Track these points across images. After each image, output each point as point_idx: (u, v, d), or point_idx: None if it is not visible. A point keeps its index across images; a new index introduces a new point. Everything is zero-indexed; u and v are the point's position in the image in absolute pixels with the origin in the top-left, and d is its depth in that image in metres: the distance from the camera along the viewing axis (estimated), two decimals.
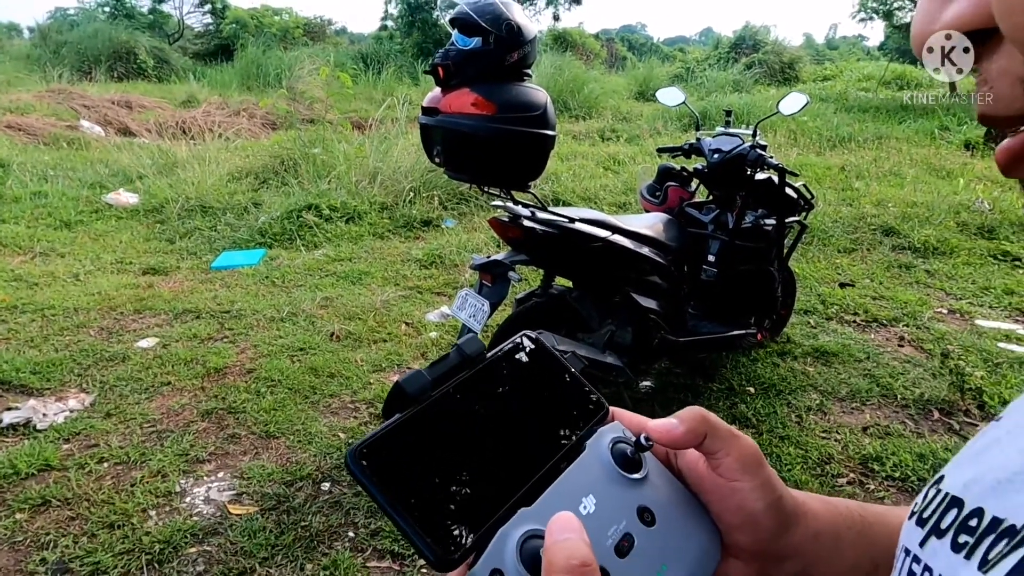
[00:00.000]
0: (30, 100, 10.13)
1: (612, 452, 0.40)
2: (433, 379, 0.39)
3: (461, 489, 0.36)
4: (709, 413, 0.41)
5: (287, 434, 2.68)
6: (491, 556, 0.33)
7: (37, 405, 2.77)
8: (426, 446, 0.36)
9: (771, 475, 0.41)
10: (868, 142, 8.60)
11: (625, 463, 0.40)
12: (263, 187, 6.40)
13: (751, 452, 0.41)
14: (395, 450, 0.35)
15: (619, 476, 0.39)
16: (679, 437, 0.40)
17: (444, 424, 0.38)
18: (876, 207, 5.76)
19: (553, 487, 0.37)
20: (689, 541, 0.40)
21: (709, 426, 0.40)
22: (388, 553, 2.09)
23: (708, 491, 0.42)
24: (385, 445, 0.35)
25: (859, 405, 2.96)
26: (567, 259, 2.46)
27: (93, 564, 1.99)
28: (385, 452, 0.35)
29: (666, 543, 0.38)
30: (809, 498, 0.45)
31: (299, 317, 3.74)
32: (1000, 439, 0.32)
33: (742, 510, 0.41)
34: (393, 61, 16.51)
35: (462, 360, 0.41)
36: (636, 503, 0.39)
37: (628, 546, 0.37)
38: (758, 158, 2.84)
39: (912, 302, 4.02)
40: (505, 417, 0.40)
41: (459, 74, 2.18)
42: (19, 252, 4.82)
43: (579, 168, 7.17)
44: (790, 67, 17.14)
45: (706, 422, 0.40)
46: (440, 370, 0.40)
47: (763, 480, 0.41)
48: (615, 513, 0.38)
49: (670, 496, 0.41)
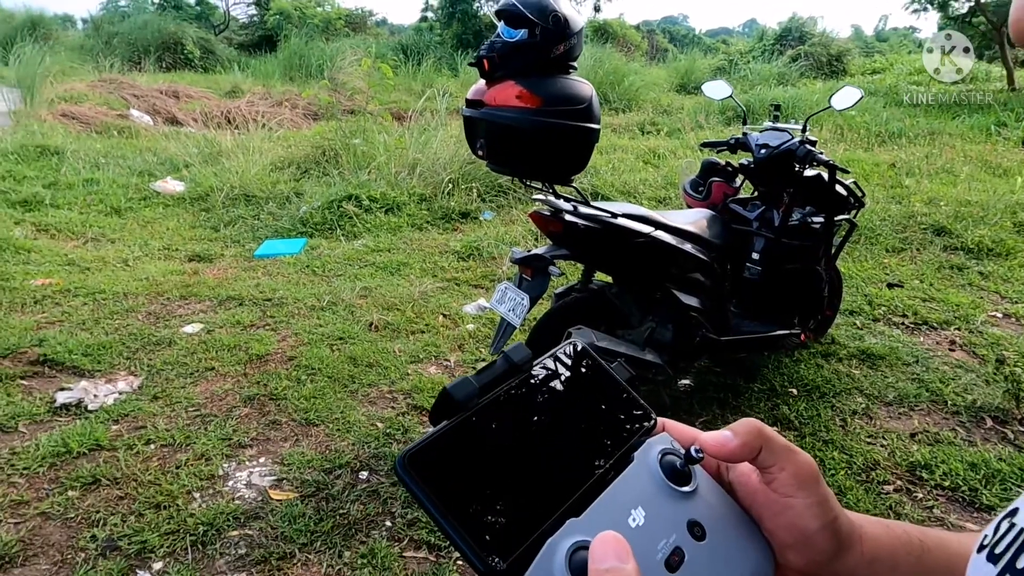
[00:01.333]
0: (83, 89, 10.45)
1: (661, 464, 0.39)
2: (480, 386, 0.39)
3: (509, 498, 0.35)
4: (765, 426, 0.40)
5: (326, 422, 2.71)
6: (540, 566, 0.33)
7: (88, 386, 2.86)
8: (474, 453, 0.36)
9: (828, 494, 0.40)
10: (919, 138, 8.32)
11: (674, 475, 0.39)
12: (305, 177, 6.49)
13: (808, 468, 0.40)
14: (443, 457, 0.35)
15: (668, 489, 0.39)
16: (733, 451, 0.39)
17: (492, 432, 0.38)
18: (927, 205, 5.56)
19: (602, 498, 0.37)
20: (740, 557, 0.39)
21: (764, 440, 0.39)
22: (424, 544, 2.11)
23: (761, 506, 0.40)
24: (434, 452, 0.35)
25: (907, 410, 2.87)
26: (608, 254, 2.43)
27: (140, 543, 2.05)
28: (434, 459, 0.35)
29: (717, 558, 0.38)
30: (866, 521, 0.43)
31: (339, 306, 3.79)
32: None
33: (795, 528, 0.39)
34: (433, 52, 16.57)
35: (509, 368, 0.40)
36: (686, 517, 0.38)
37: (679, 561, 0.36)
38: (807, 154, 2.76)
39: (964, 305, 3.88)
40: (552, 425, 0.40)
41: (504, 66, 2.16)
42: (72, 237, 4.99)
43: (618, 162, 7.10)
44: (838, 60, 16.66)
45: (761, 436, 0.39)
46: (487, 377, 0.40)
47: (819, 498, 0.39)
48: (665, 527, 0.37)
49: (721, 511, 0.40)
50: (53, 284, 3.93)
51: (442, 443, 0.36)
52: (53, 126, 8.25)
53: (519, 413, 0.39)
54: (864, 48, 23.92)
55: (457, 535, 0.33)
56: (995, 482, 2.38)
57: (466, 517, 0.34)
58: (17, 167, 6.41)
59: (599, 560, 0.31)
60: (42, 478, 2.33)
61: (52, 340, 3.19)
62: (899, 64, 15.44)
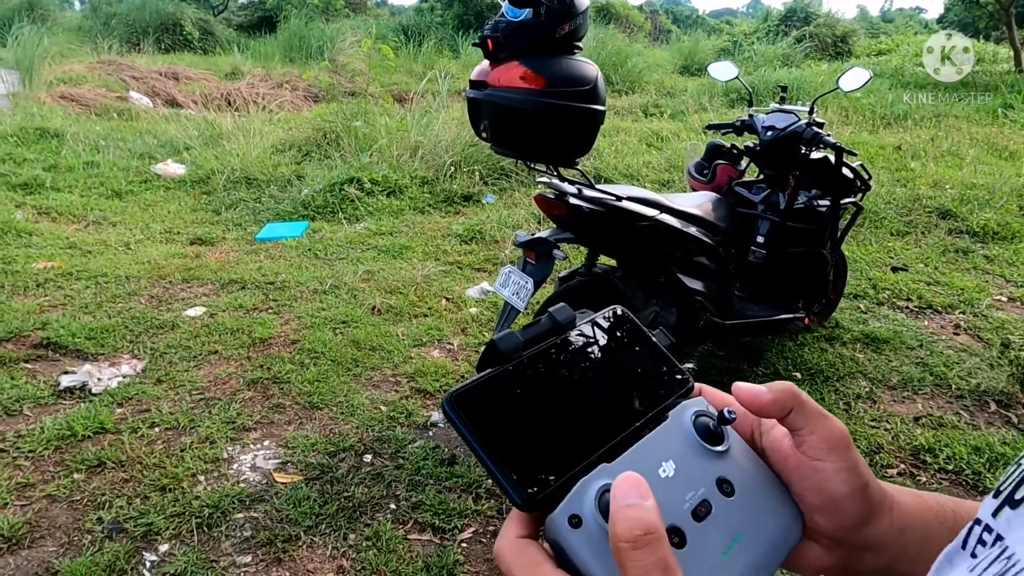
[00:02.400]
0: (82, 71, 10.36)
1: (695, 424, 0.41)
2: (525, 340, 0.41)
3: (547, 441, 0.38)
4: (799, 389, 0.41)
5: (330, 405, 2.72)
6: (571, 502, 0.35)
7: (92, 370, 2.86)
8: (516, 399, 0.39)
9: (858, 461, 0.40)
10: (925, 120, 8.24)
11: (707, 435, 0.41)
12: (306, 160, 6.45)
13: (838, 434, 0.40)
14: (488, 399, 0.38)
15: (700, 447, 0.40)
16: (764, 404, 0.40)
17: (534, 381, 0.40)
18: (932, 188, 5.53)
19: (634, 448, 0.39)
20: (767, 516, 0.40)
21: (797, 401, 0.40)
22: (429, 526, 2.11)
23: (791, 470, 0.41)
24: (479, 394, 0.38)
25: (910, 394, 2.87)
26: (613, 238, 2.41)
27: (146, 525, 2.06)
28: (479, 400, 0.38)
29: (744, 515, 0.39)
30: (898, 491, 0.43)
31: (341, 290, 3.78)
32: None
33: (823, 491, 0.40)
34: (434, 34, 16.40)
35: (553, 326, 0.43)
36: (716, 474, 0.39)
37: (705, 512, 0.38)
38: (814, 136, 2.74)
39: (969, 288, 3.86)
40: (592, 381, 0.42)
41: (508, 47, 2.13)
42: (73, 220, 4.97)
43: (621, 144, 7.05)
44: (843, 41, 16.48)
45: (795, 397, 0.40)
46: (532, 333, 0.42)
47: (849, 464, 0.40)
48: (694, 480, 0.39)
49: (751, 472, 0.41)
50: (55, 267, 3.92)
51: (487, 387, 0.38)
52: (52, 108, 8.20)
53: (560, 367, 0.41)
54: (870, 29, 23.66)
55: (495, 467, 0.36)
56: (999, 466, 2.38)
57: (505, 453, 0.36)
58: (17, 150, 6.38)
59: (621, 498, 0.32)
60: (48, 461, 2.34)
61: (55, 323, 3.19)
62: (905, 45, 15.26)
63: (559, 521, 0.35)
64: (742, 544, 0.38)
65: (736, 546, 0.38)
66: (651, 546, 0.31)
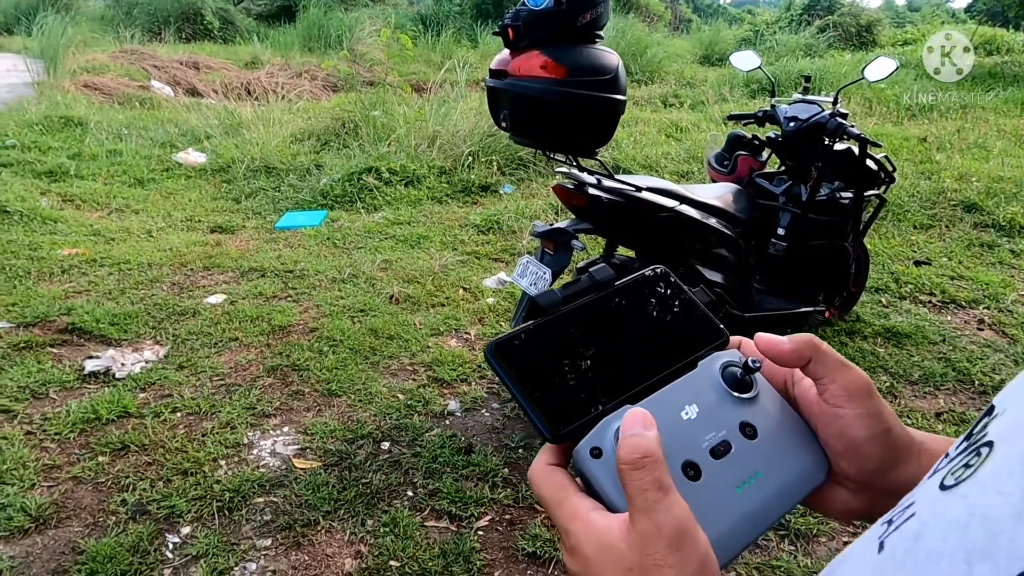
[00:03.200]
0: (105, 60, 10.47)
1: (723, 373, 0.43)
2: (564, 297, 0.44)
3: (577, 386, 0.41)
4: (820, 341, 0.42)
5: (348, 393, 2.74)
6: (593, 436, 0.39)
7: (116, 355, 2.91)
8: (552, 348, 0.42)
9: (881, 408, 0.42)
10: (951, 112, 8.09)
11: (735, 384, 0.43)
12: (324, 149, 6.48)
13: (859, 383, 0.42)
14: (525, 348, 0.42)
15: (726, 393, 0.43)
16: (784, 353, 0.43)
17: (570, 333, 0.43)
18: (958, 181, 5.42)
19: (660, 391, 0.42)
20: (788, 459, 0.42)
21: (816, 352, 0.42)
22: (446, 514, 2.13)
23: (815, 416, 0.43)
24: (517, 343, 0.42)
25: (932, 390, 2.83)
26: (632, 229, 2.40)
27: (168, 508, 2.09)
28: (517, 348, 0.42)
29: (764, 456, 0.41)
30: (929, 438, 0.44)
31: (359, 279, 3.80)
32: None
33: (844, 437, 0.42)
34: (452, 23, 16.34)
35: (592, 284, 0.46)
36: (740, 418, 0.42)
37: (724, 451, 0.40)
38: (838, 127, 2.70)
39: (994, 283, 3.80)
40: (625, 332, 0.45)
41: (529, 35, 2.12)
42: (97, 208, 5.04)
43: (640, 135, 6.99)
44: (867, 30, 16.18)
45: (814, 348, 0.42)
46: (571, 290, 0.45)
47: (870, 410, 0.41)
48: (716, 423, 0.41)
49: (777, 418, 0.43)
50: (79, 254, 3.99)
51: (525, 338, 0.42)
52: (76, 97, 8.30)
53: (596, 320, 0.45)
54: (895, 18, 23.23)
55: (528, 406, 0.40)
56: None
57: (538, 394, 0.40)
58: (42, 137, 6.47)
59: (627, 428, 0.36)
60: (73, 443, 2.39)
61: (80, 309, 3.25)
62: (931, 35, 14.96)
63: (583, 452, 0.39)
64: (759, 481, 0.40)
65: (752, 483, 0.40)
66: (647, 468, 0.35)
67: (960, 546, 0.24)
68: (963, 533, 0.24)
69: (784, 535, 2.09)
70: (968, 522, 0.24)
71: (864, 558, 0.30)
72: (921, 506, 0.28)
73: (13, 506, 2.06)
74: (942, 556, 0.24)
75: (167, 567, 1.91)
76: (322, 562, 1.96)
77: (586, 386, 0.41)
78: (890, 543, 0.28)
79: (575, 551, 0.37)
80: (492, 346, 0.41)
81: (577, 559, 0.37)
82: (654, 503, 0.34)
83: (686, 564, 0.34)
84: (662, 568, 0.34)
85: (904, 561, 0.26)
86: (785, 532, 2.09)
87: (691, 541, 0.34)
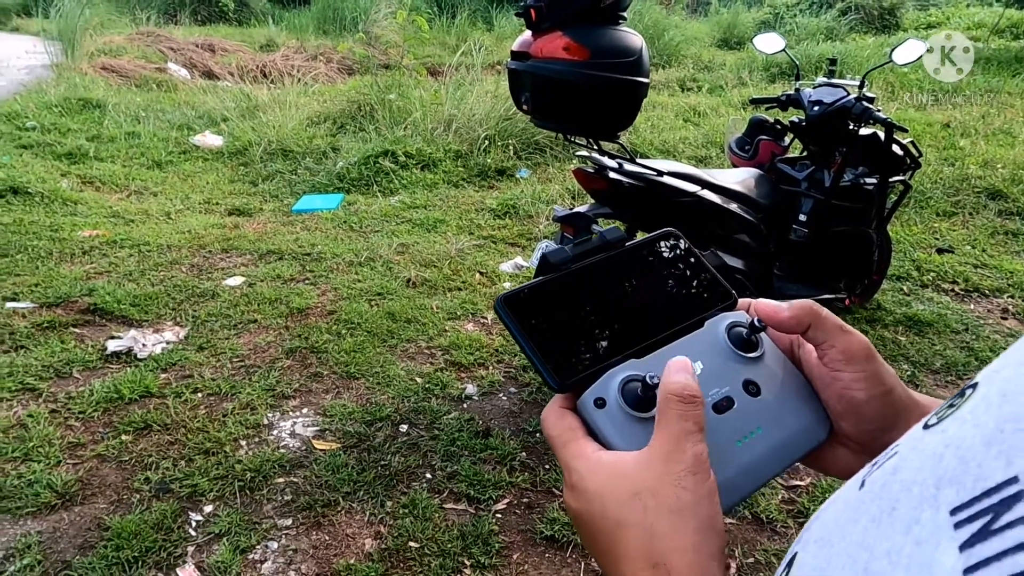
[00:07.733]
0: (122, 43, 10.49)
1: (729, 332, 0.44)
2: (574, 254, 0.45)
3: (584, 339, 0.43)
4: (819, 307, 0.44)
5: (366, 375, 2.75)
6: (598, 388, 0.40)
7: (137, 335, 2.94)
8: (561, 303, 0.44)
9: (881, 370, 0.43)
10: (977, 96, 7.92)
11: (740, 343, 0.44)
12: (341, 132, 6.47)
13: (858, 347, 0.43)
14: (535, 302, 0.43)
15: (731, 352, 0.44)
16: (782, 320, 0.44)
17: (579, 290, 0.44)
18: (982, 168, 5.32)
19: (665, 348, 0.43)
20: (790, 416, 0.43)
21: (815, 318, 0.43)
22: (464, 496, 2.14)
23: (817, 378, 0.45)
24: (528, 297, 0.43)
25: (954, 379, 2.80)
26: (653, 213, 2.38)
27: (191, 486, 2.12)
28: (527, 301, 0.43)
29: (765, 412, 0.43)
30: (932, 401, 0.45)
31: (376, 262, 3.81)
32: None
33: (843, 398, 0.43)
34: (468, 5, 16.20)
35: (603, 244, 0.46)
36: (743, 376, 0.43)
37: (726, 406, 0.42)
38: (864, 112, 2.65)
39: (1019, 272, 3.74)
40: (634, 291, 0.46)
41: (551, 16, 2.09)
42: (116, 190, 5.08)
43: (657, 119, 6.92)
44: (890, 13, 15.82)
45: (813, 314, 0.43)
46: (581, 248, 0.46)
47: (869, 373, 0.42)
48: (719, 379, 0.42)
49: (780, 377, 0.44)
50: (100, 235, 4.02)
51: (534, 292, 0.43)
52: (94, 79, 8.33)
53: (606, 278, 0.46)
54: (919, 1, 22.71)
55: (536, 357, 0.41)
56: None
57: (546, 347, 0.41)
58: (61, 119, 6.51)
59: (675, 370, 0.39)
60: (96, 422, 2.42)
61: (101, 290, 3.28)
62: (956, 18, 14.64)
63: (587, 401, 0.40)
64: (759, 436, 0.42)
65: (753, 437, 0.42)
66: (695, 404, 0.38)
67: (932, 474, 0.24)
68: (937, 462, 0.25)
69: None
70: (943, 453, 0.25)
71: (847, 496, 0.31)
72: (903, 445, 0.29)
73: (40, 482, 2.09)
74: (914, 484, 0.25)
75: (190, 544, 1.94)
76: (342, 542, 1.98)
77: (593, 340, 0.43)
78: (871, 479, 0.29)
79: (576, 488, 0.39)
80: (502, 299, 0.42)
81: (578, 494, 0.38)
82: (689, 433, 0.37)
83: (699, 489, 0.36)
84: (678, 489, 0.36)
85: (880, 494, 0.27)
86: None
87: (707, 473, 0.37)
